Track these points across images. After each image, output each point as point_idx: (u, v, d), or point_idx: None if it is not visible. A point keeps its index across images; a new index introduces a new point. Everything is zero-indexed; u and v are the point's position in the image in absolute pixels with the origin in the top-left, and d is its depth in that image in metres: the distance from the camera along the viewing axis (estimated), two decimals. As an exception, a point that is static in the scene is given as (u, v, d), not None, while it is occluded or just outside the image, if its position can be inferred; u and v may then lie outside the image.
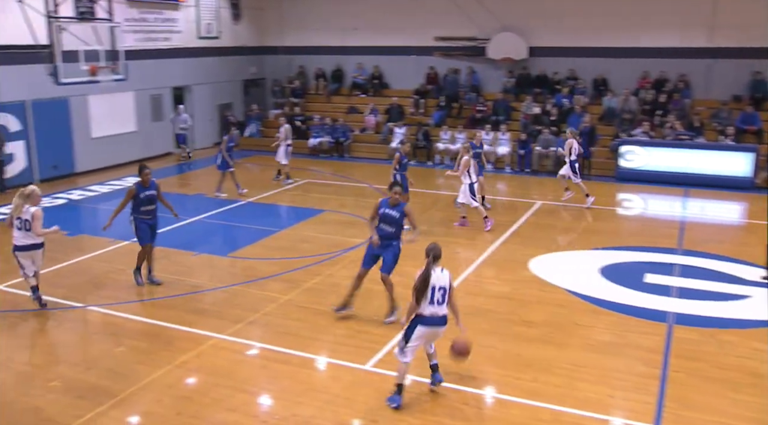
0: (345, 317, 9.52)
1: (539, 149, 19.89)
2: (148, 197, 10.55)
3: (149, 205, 10.59)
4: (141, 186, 10.52)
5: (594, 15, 21.56)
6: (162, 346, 8.70)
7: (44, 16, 15.23)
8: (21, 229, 9.54)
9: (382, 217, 9.36)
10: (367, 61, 25.18)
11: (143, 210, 10.56)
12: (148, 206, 10.58)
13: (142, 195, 10.49)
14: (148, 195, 10.55)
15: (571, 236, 13.68)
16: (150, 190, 10.59)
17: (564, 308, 9.93)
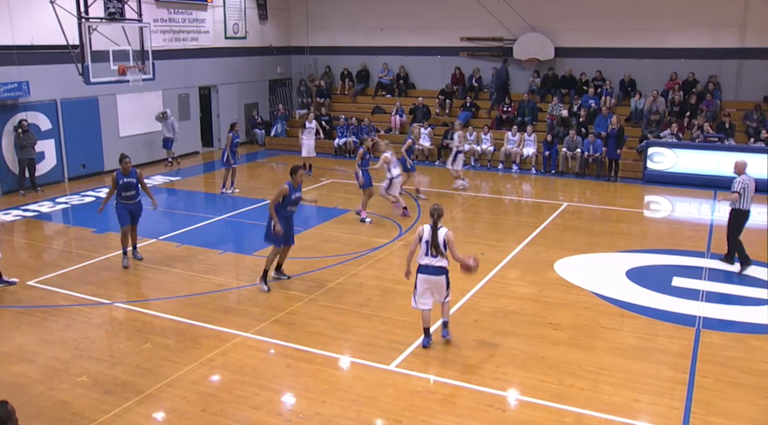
0: (369, 317, 9.53)
1: (565, 150, 19.75)
2: (126, 184, 11.54)
3: (128, 191, 11.58)
4: (121, 174, 11.52)
5: (621, 15, 21.37)
6: (188, 343, 8.78)
7: (75, 16, 15.41)
8: None
9: (291, 201, 10.43)
10: (392, 61, 25.19)
11: (123, 195, 11.59)
12: (127, 191, 11.58)
13: (120, 182, 11.49)
14: (127, 182, 11.54)
15: (597, 238, 13.55)
16: (130, 177, 11.57)
17: (590, 310, 9.84)
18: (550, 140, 19.97)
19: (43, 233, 14.35)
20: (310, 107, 24.98)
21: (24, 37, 17.14)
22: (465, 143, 19.56)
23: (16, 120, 17.12)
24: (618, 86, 21.76)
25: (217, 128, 24.24)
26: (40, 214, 15.52)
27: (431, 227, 8.40)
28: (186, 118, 22.60)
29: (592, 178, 19.18)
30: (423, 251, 8.39)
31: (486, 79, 23.73)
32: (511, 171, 20.38)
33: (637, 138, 19.99)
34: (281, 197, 10.39)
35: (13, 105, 17.15)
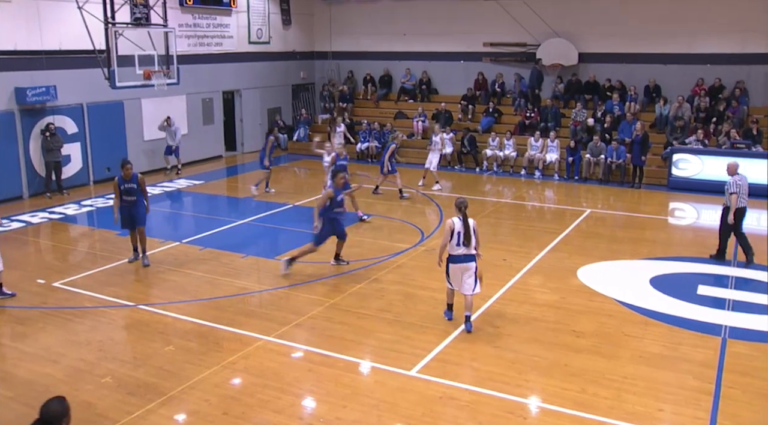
0: (390, 322, 9.53)
1: (589, 156, 19.61)
2: (127, 189, 11.81)
3: (129, 196, 11.84)
4: (122, 179, 11.78)
5: (646, 21, 21.21)
6: (210, 346, 8.84)
7: (102, 22, 15.62)
8: None
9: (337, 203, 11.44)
10: (415, 66, 25.21)
11: (124, 199, 11.85)
12: (127, 196, 11.84)
13: (122, 187, 11.78)
14: (128, 188, 11.81)
15: (621, 245, 13.43)
16: (130, 183, 11.80)
17: (613, 318, 9.75)
18: (574, 146, 19.85)
19: (69, 236, 14.53)
20: (334, 112, 25.07)
21: (52, 42, 17.42)
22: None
23: (43, 124, 17.39)
24: (642, 92, 21.58)
25: (240, 133, 24.42)
26: (65, 216, 15.73)
27: (461, 219, 8.97)
28: (210, 122, 22.80)
29: (616, 184, 19.02)
30: (455, 242, 8.97)
31: (509, 85, 23.66)
32: (533, 177, 20.28)
33: (661, 144, 19.80)
34: (328, 201, 11.11)
35: (41, 109, 17.42)
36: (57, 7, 17.25)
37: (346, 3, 25.97)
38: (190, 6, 21.28)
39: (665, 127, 20.27)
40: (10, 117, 16.82)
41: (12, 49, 16.67)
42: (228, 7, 22.73)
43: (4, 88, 16.61)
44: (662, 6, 20.97)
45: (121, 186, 11.80)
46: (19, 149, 17.05)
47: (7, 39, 16.56)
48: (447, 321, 9.54)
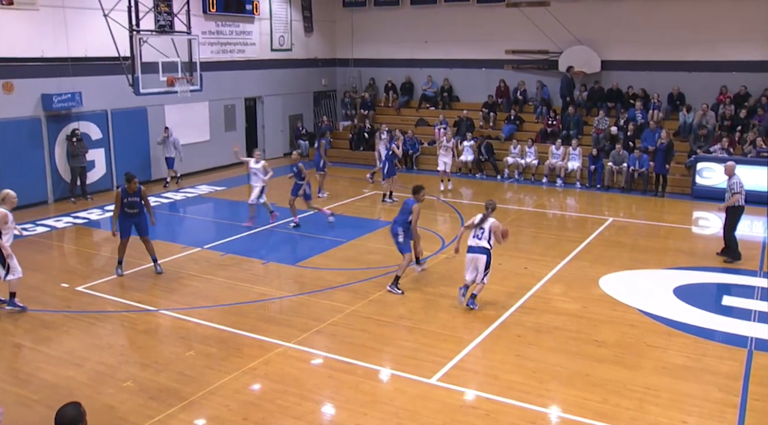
0: (410, 330, 9.50)
1: (611, 164, 19.47)
2: (130, 202, 11.85)
3: (131, 209, 11.90)
4: (126, 192, 11.78)
5: (670, 28, 21.04)
6: (231, 352, 8.88)
7: (127, 29, 15.82)
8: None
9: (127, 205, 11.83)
10: (437, 73, 25.22)
11: (126, 212, 11.89)
12: (131, 209, 11.89)
13: (125, 200, 11.81)
14: (131, 201, 11.85)
15: (644, 255, 13.30)
16: (134, 196, 11.84)
17: (636, 328, 9.65)
18: (596, 154, 19.71)
19: (92, 240, 14.69)
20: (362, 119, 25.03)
21: (78, 50, 17.69)
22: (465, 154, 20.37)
23: (68, 130, 17.63)
24: (666, 100, 21.39)
25: (261, 139, 24.55)
26: (89, 221, 15.91)
27: (482, 215, 10.22)
28: (232, 129, 22.96)
29: (639, 193, 18.86)
30: (472, 234, 10.22)
31: (531, 92, 23.59)
32: (555, 185, 20.17)
33: (685, 153, 19.60)
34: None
35: (66, 115, 17.68)
36: (83, 14, 17.50)
37: (368, 10, 26.08)
38: (214, 13, 21.49)
39: (689, 135, 20.08)
40: (37, 123, 17.08)
41: (39, 56, 16.95)
42: (251, 14, 22.92)
43: (31, 94, 16.89)
44: (686, 13, 20.81)
45: (124, 199, 11.75)
46: (44, 155, 17.32)
47: (35, 46, 16.85)
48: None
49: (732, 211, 12.73)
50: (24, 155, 16.75)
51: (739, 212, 12.72)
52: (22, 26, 16.55)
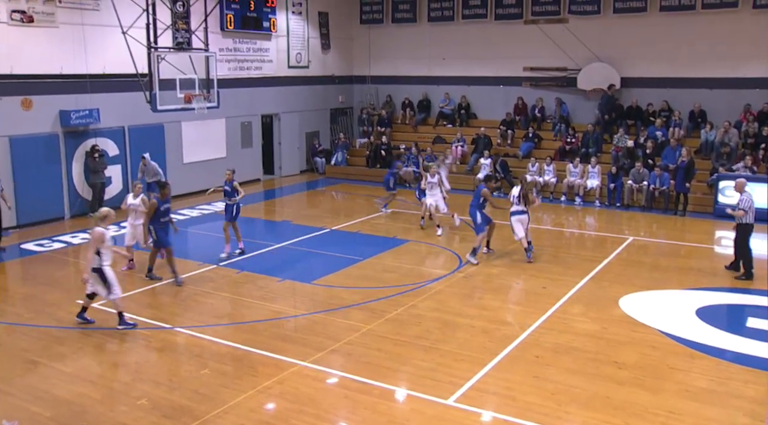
0: (427, 350, 9.46)
1: (631, 182, 19.36)
2: (166, 210, 12.49)
3: (165, 216, 12.51)
4: (160, 200, 12.36)
5: (691, 44, 20.93)
6: (245, 370, 8.87)
7: (145, 46, 16.03)
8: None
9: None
10: (454, 90, 25.27)
11: (161, 220, 12.40)
12: (164, 217, 12.48)
13: (162, 208, 12.35)
14: (166, 208, 12.50)
15: (665, 274, 13.18)
16: (167, 203, 12.52)
17: (657, 350, 9.54)
18: (615, 172, 19.61)
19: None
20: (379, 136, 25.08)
21: (97, 66, 17.93)
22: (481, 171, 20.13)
23: (86, 146, 17.82)
24: (687, 117, 21.26)
25: (278, 156, 24.70)
26: (105, 238, 15.98)
27: (520, 189, 13.76)
28: (248, 146, 23.12)
29: (660, 212, 18.71)
30: (515, 203, 13.70)
31: (549, 110, 23.56)
32: (574, 203, 20.08)
33: (707, 171, 19.44)
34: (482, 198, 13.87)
35: (83, 131, 17.89)
36: (102, 32, 17.78)
37: (386, 27, 26.25)
38: (231, 31, 21.74)
39: (711, 153, 19.93)
40: (54, 139, 17.30)
41: (58, 73, 17.22)
42: (268, 31, 23.14)
43: (49, 111, 17.13)
44: (707, 28, 20.70)
45: (161, 207, 12.32)
46: (62, 171, 17.50)
47: (54, 63, 17.12)
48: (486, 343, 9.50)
49: (741, 228, 12.73)
50: (42, 170, 16.95)
51: (748, 230, 12.70)
52: (41, 43, 16.83)
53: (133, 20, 16.11)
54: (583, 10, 22.31)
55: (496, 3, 23.82)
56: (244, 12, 22.01)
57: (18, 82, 16.47)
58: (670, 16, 21.13)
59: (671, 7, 21.03)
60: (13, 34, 16.28)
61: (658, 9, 21.19)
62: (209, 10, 17.87)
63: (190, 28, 17.16)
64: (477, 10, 24.22)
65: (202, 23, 17.38)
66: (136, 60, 16.23)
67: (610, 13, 21.95)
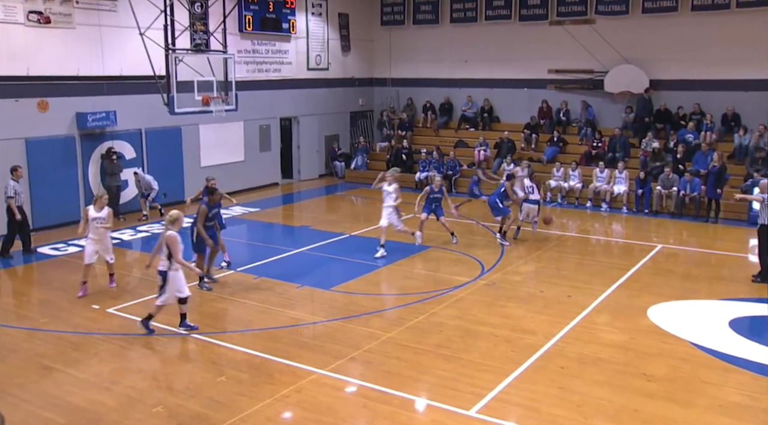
0: (448, 359, 9.41)
1: (660, 188, 19.18)
2: (214, 213, 12.77)
3: (211, 221, 12.76)
4: (209, 205, 12.51)
5: (723, 44, 20.66)
6: (263, 378, 8.89)
7: (163, 48, 16.18)
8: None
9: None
10: (477, 93, 25.22)
11: (207, 225, 12.55)
12: (210, 221, 12.71)
13: (210, 213, 12.57)
14: (215, 212, 12.78)
15: (696, 284, 13.03)
16: (216, 208, 12.76)
17: (688, 362, 9.41)
18: (643, 178, 19.45)
19: (124, 261, 14.88)
20: (400, 140, 25.09)
21: (114, 68, 18.13)
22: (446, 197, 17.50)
23: (102, 148, 18.02)
24: (720, 121, 20.99)
25: (297, 160, 24.79)
26: (121, 242, 16.14)
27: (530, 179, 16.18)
28: (266, 149, 23.23)
29: (690, 219, 18.52)
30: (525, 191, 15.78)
31: (574, 113, 23.43)
32: (600, 210, 19.93)
33: (741, 176, 19.20)
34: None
35: (100, 134, 18.09)
36: (119, 33, 17.97)
37: (407, 29, 26.28)
38: (250, 32, 21.87)
39: (745, 158, 19.68)
40: (71, 142, 17.50)
41: (75, 74, 17.42)
42: (287, 33, 23.25)
43: (65, 113, 17.33)
44: (740, 28, 20.40)
45: (210, 212, 12.56)
46: (78, 173, 17.67)
47: (71, 65, 17.32)
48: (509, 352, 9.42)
49: (763, 230, 12.71)
50: (57, 173, 17.14)
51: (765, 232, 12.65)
52: (58, 44, 17.03)
53: (151, 21, 16.31)
54: (610, 10, 22.17)
55: (521, 3, 23.75)
56: (263, 13, 22.15)
57: (34, 83, 16.66)
58: (702, 15, 20.88)
59: (704, 6, 20.78)
60: (30, 35, 16.48)
61: (690, 8, 20.95)
62: (228, 12, 18.03)
63: (209, 29, 17.32)
64: (501, 11, 24.17)
65: (221, 25, 17.54)
66: (154, 62, 16.41)
67: (638, 13, 21.79)
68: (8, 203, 14.55)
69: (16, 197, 14.57)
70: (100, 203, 12.27)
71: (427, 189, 15.58)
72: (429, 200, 15.42)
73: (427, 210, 15.43)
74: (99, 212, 12.16)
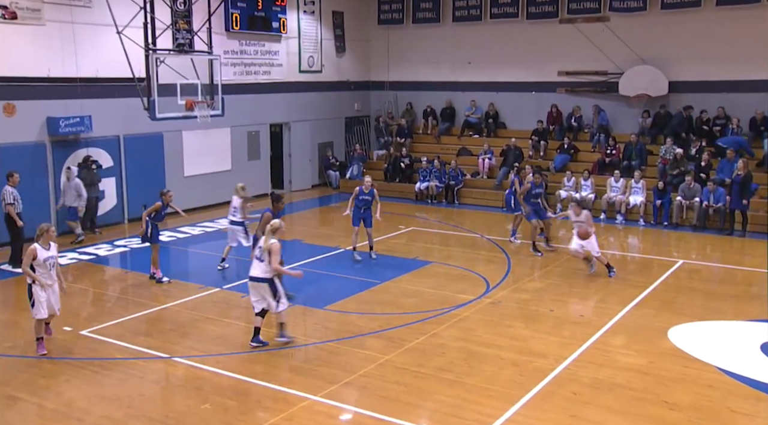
0: (451, 383, 9.34)
1: (680, 199, 19.17)
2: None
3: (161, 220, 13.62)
4: (274, 212, 12.76)
5: (750, 42, 20.60)
6: (250, 405, 8.82)
7: (143, 48, 16.16)
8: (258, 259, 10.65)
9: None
10: (481, 97, 25.29)
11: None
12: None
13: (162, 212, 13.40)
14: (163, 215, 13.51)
15: (722, 303, 12.97)
16: (282, 214, 13.06)
17: (715, 390, 9.32)
18: (662, 188, 19.45)
19: (100, 278, 14.85)
20: (398, 147, 25.07)
21: (89, 69, 18.08)
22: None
23: (77, 156, 17.93)
24: (747, 125, 20.96)
25: (288, 169, 24.78)
26: (97, 257, 16.08)
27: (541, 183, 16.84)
28: (255, 157, 23.23)
29: (714, 232, 18.48)
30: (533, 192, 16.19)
31: (587, 118, 23.45)
32: (614, 222, 19.92)
33: (770, 186, 19.18)
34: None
35: (74, 140, 18.02)
36: (95, 31, 17.93)
37: (406, 28, 26.37)
38: (237, 31, 21.92)
39: (775, 166, 19.67)
40: (41, 149, 17.40)
41: (45, 75, 17.32)
42: (277, 32, 23.31)
43: (35, 117, 17.20)
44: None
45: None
46: (49, 184, 17.53)
47: (41, 65, 17.18)
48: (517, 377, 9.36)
49: None
50: (26, 183, 16.74)
51: None
52: (26, 42, 16.90)
53: (130, 19, 16.29)
54: (626, 6, 22.25)
55: (528, 1, 23.88)
56: (251, 11, 22.21)
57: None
58: (729, 10, 20.81)
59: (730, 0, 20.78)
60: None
61: (715, 3, 20.96)
62: (213, 9, 18.03)
63: (192, 28, 17.35)
64: (507, 8, 24.29)
65: (205, 23, 17.56)
66: (133, 63, 16.38)
67: (657, 9, 21.85)
68: (7, 210, 14.80)
69: (15, 204, 14.83)
70: (46, 238, 10.26)
71: (357, 190, 15.65)
72: (358, 204, 15.51)
73: (356, 222, 15.54)
74: (48, 249, 10.26)
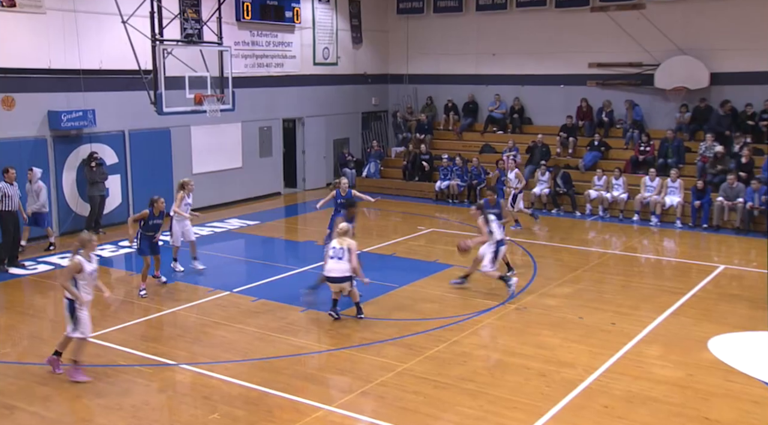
0: (473, 394, 9.31)
1: (721, 199, 19.00)
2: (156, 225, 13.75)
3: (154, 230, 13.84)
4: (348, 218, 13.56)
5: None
6: (261, 415, 8.82)
7: (149, 38, 16.20)
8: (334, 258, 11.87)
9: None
10: (506, 91, 25.24)
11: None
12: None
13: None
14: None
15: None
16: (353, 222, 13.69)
17: (762, 406, 9.18)
18: (702, 187, 19.30)
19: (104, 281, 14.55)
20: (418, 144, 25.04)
21: (92, 61, 18.15)
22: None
23: (79, 152, 18.04)
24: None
25: (301, 167, 24.84)
26: (100, 259, 16.10)
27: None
28: (267, 154, 23.30)
29: (759, 235, 18.27)
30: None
31: (619, 114, 23.31)
32: (649, 224, 19.79)
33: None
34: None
35: (77, 136, 18.11)
36: (98, 21, 18.02)
37: (426, 18, 26.35)
38: (248, 21, 21.97)
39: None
40: (42, 144, 17.49)
41: (46, 67, 17.41)
42: (291, 23, 23.35)
43: (36, 111, 17.27)
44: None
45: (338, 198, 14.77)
46: (50, 181, 17.58)
47: (41, 56, 17.25)
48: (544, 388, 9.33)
49: None
50: (25, 181, 17.04)
51: None
52: (25, 32, 16.92)
53: (135, 7, 16.33)
54: (663, -8, 22.10)
55: (558, -12, 23.81)
56: (263, 0, 22.26)
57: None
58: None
59: (778, -16, 20.57)
60: (-8, 20, 16.44)
61: (763, -13, 20.78)
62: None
63: (201, 17, 17.42)
64: (534, -4, 24.22)
65: (215, 12, 17.59)
66: (139, 54, 16.46)
67: (698, -6, 21.67)
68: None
69: (4, 200, 14.87)
70: (89, 250, 9.85)
71: (333, 193, 15.70)
72: (336, 208, 15.50)
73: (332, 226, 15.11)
74: (91, 261, 9.90)
